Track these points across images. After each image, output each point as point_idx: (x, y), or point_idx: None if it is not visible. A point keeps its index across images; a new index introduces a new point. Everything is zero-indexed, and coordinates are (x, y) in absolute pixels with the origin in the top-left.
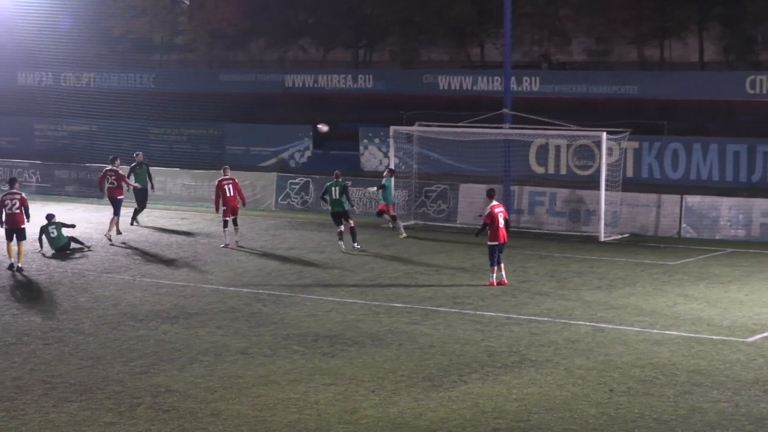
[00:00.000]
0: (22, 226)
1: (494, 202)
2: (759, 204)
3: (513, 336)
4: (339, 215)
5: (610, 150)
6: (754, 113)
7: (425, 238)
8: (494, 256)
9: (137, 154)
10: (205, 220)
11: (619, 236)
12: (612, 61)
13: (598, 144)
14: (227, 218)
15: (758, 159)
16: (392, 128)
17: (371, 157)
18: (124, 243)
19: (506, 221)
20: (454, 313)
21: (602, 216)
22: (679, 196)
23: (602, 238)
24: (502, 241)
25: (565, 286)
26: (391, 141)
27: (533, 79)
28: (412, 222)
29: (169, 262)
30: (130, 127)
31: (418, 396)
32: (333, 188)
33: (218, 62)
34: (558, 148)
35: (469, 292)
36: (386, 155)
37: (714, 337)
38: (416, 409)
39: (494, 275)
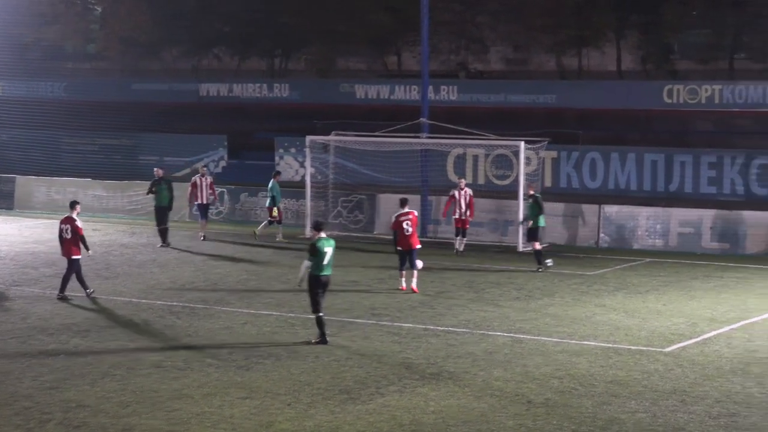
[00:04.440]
0: None
1: (403, 210)
2: (676, 214)
3: (431, 347)
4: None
5: (528, 159)
6: (671, 123)
7: (342, 246)
8: (403, 262)
9: (157, 170)
10: (117, 232)
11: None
12: (530, 70)
13: (516, 153)
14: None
15: (676, 168)
16: (308, 138)
17: (287, 167)
18: (33, 254)
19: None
20: (371, 325)
21: (520, 226)
22: (597, 206)
23: (521, 249)
24: (408, 247)
25: (483, 297)
26: (308, 151)
27: (451, 88)
28: (328, 233)
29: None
30: (42, 136)
31: (334, 409)
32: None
33: (131, 71)
34: (476, 157)
35: (386, 303)
36: (302, 165)
37: (632, 347)
38: (333, 422)
39: (403, 280)
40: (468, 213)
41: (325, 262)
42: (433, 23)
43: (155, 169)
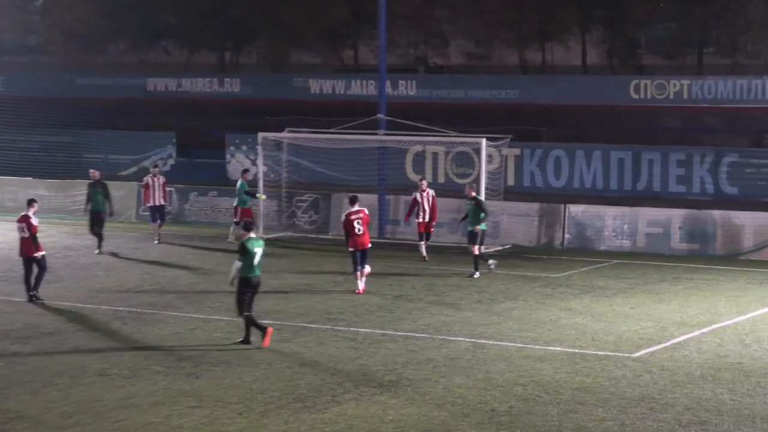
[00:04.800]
0: None
1: (353, 208)
2: (644, 213)
3: (389, 353)
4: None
5: (490, 157)
6: (638, 119)
7: (296, 247)
8: (356, 262)
9: (92, 172)
10: (60, 233)
11: (500, 248)
12: (492, 65)
13: (478, 151)
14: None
15: (643, 166)
16: (260, 135)
17: (239, 165)
18: None
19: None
20: (326, 330)
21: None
22: (562, 206)
23: (482, 250)
24: (360, 247)
25: (443, 301)
26: (260, 148)
27: (409, 83)
28: (281, 233)
29: (20, 278)
30: None
31: (288, 418)
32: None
33: (74, 65)
34: (436, 155)
35: (342, 308)
36: (254, 163)
37: (599, 353)
38: None
39: (359, 282)
40: (432, 216)
41: (255, 262)
42: (391, 16)
43: (91, 171)
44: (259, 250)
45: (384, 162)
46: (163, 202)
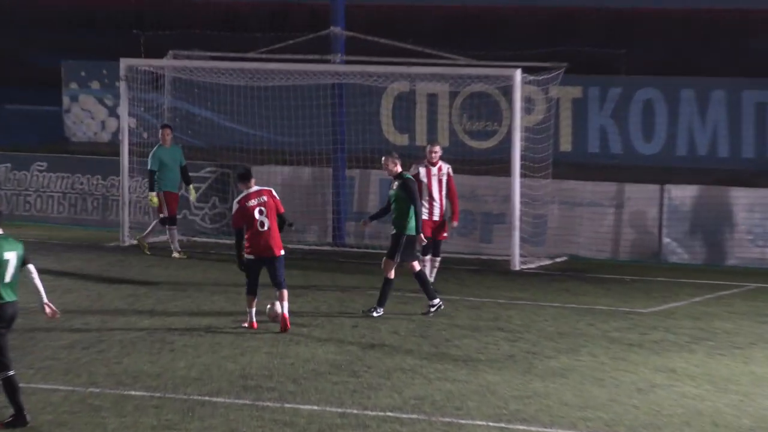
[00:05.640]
0: None
1: (249, 189)
2: None
3: None
4: None
5: (529, 101)
6: None
7: (194, 258)
8: (253, 280)
9: None
10: None
11: (549, 261)
12: None
13: (507, 91)
14: None
15: None
16: (123, 62)
17: (85, 116)
18: None
19: (281, 216)
20: (242, 408)
21: (517, 225)
22: (656, 187)
23: (517, 265)
24: (265, 253)
25: (448, 353)
26: (123, 85)
27: None
28: (162, 235)
29: None
30: None
31: None
32: None
33: None
34: (433, 98)
35: (269, 366)
36: (114, 113)
37: None
38: None
39: (253, 311)
40: (452, 209)
41: (7, 279)
42: None
43: None
44: (11, 257)
45: (342, 112)
46: None
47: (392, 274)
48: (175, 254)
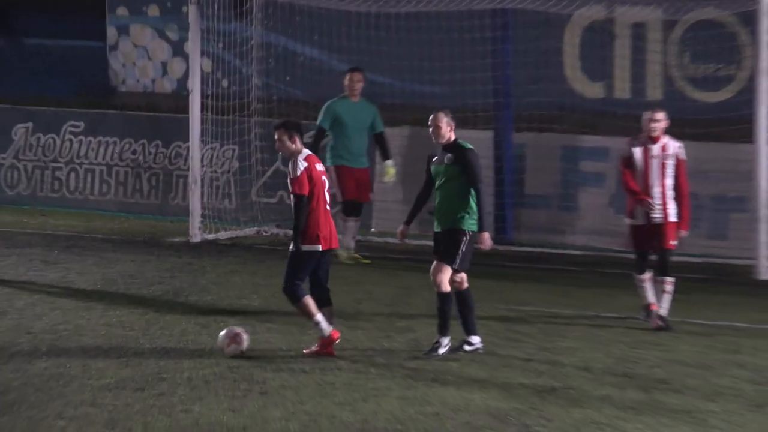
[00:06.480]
0: None
1: (306, 152)
2: None
3: None
4: None
5: None
6: None
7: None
8: (304, 278)
9: None
10: None
11: None
12: None
13: (748, 19)
14: None
15: None
16: None
17: (139, 56)
18: None
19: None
20: None
21: (764, 214)
22: None
23: (765, 274)
24: (334, 245)
25: (664, 401)
26: (193, 11)
27: None
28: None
29: None
30: None
31: None
32: None
33: None
34: (640, 29)
35: (404, 416)
36: (179, 52)
37: None
38: None
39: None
40: (680, 206)
41: None
42: None
43: None
44: None
45: (508, 50)
46: None
47: (447, 287)
48: (343, 254)
